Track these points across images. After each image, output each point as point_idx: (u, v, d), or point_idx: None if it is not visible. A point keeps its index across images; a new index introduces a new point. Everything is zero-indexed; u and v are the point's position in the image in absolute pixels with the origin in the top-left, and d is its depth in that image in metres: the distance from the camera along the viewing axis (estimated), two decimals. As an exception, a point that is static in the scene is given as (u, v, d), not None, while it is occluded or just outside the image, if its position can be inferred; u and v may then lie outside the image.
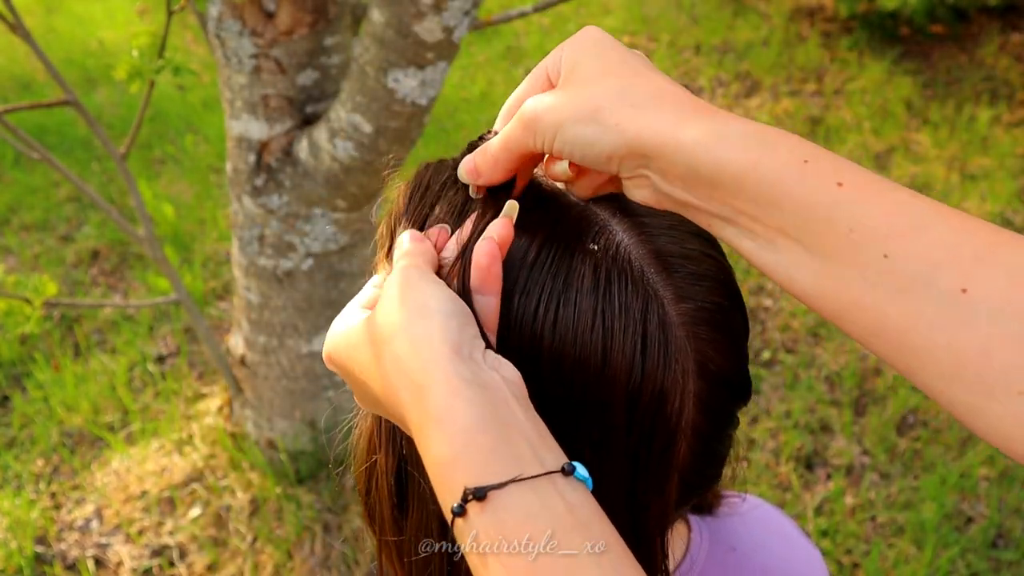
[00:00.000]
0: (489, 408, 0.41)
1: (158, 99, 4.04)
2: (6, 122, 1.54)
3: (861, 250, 0.40)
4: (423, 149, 3.62)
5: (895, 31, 4.30)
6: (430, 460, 0.42)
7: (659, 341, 0.49)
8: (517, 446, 0.41)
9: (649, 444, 0.50)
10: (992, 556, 1.98)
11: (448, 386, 0.42)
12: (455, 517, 0.40)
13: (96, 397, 2.47)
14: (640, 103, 0.46)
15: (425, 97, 1.54)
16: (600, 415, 0.49)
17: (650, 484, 0.51)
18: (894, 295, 0.40)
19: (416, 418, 0.43)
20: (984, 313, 0.37)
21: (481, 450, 0.40)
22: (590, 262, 0.49)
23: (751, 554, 0.68)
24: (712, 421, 0.53)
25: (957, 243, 0.39)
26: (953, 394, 0.39)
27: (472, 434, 0.41)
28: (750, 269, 2.87)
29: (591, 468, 0.50)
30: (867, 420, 2.32)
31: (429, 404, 0.42)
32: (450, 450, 0.41)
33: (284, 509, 2.08)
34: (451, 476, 0.41)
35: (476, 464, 0.40)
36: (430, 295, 0.46)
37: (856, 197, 0.41)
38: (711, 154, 0.43)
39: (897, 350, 0.40)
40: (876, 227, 0.40)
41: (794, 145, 0.43)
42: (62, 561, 2.03)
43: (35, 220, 3.35)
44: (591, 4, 4.98)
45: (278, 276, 1.89)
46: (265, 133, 1.72)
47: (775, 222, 0.43)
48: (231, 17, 1.63)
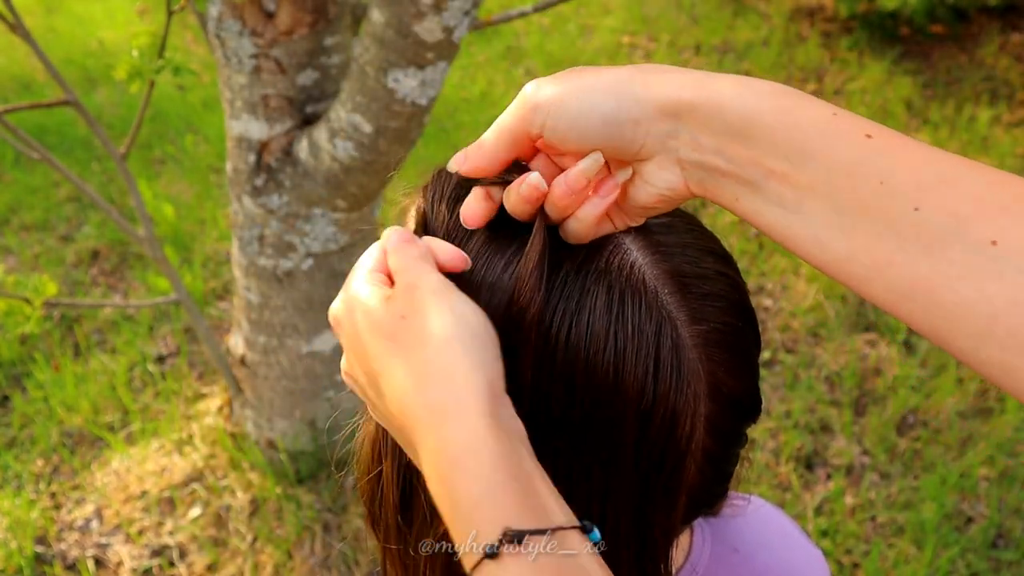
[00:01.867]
0: (516, 456, 0.41)
1: (158, 99, 4.04)
2: (6, 122, 1.54)
3: (892, 203, 0.40)
4: (423, 149, 3.62)
5: (895, 31, 4.30)
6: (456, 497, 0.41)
7: (672, 364, 0.48)
8: (543, 497, 0.40)
9: (659, 466, 0.49)
10: (992, 556, 1.98)
11: (481, 422, 0.40)
12: (485, 558, 0.39)
13: (96, 397, 2.47)
14: (658, 71, 0.45)
15: (425, 97, 1.54)
16: (611, 436, 0.48)
17: (658, 504, 0.51)
18: (925, 250, 0.39)
19: (432, 443, 0.41)
20: (1014, 264, 0.37)
21: (512, 495, 0.39)
22: (604, 282, 0.49)
23: (753, 555, 0.68)
24: (721, 442, 0.53)
25: (986, 195, 0.38)
26: (986, 353, 0.38)
27: (501, 478, 0.40)
28: (749, 270, 2.87)
29: (600, 487, 0.49)
30: (867, 420, 2.32)
31: (455, 435, 0.41)
32: (477, 490, 0.40)
33: (284, 509, 2.08)
34: (477, 516, 0.39)
35: (507, 508, 0.39)
36: (471, 313, 0.44)
37: (885, 149, 0.40)
38: (746, 104, 0.43)
39: (928, 311, 0.39)
40: (906, 179, 0.39)
41: (820, 101, 0.43)
42: (62, 561, 2.03)
43: (35, 220, 3.34)
44: (591, 4, 4.98)
45: (278, 276, 1.89)
46: (265, 133, 1.72)
47: (806, 179, 0.42)
48: (231, 17, 1.63)
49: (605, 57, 4.38)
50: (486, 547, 0.39)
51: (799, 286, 2.78)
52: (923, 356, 2.49)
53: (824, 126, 0.42)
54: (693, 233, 0.54)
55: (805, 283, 2.79)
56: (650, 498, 0.50)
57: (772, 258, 2.91)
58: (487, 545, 0.39)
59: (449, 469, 0.41)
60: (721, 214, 3.15)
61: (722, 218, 3.13)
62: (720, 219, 3.13)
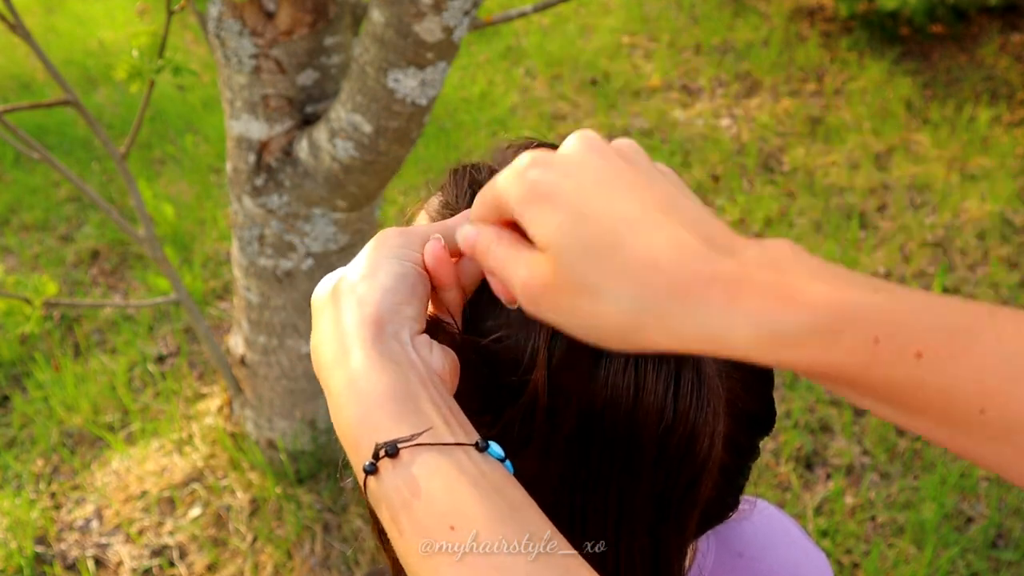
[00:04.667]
0: (401, 381, 0.42)
1: (158, 99, 4.04)
2: (6, 122, 1.54)
3: (954, 409, 0.37)
4: (423, 149, 3.62)
5: (895, 31, 4.30)
6: (342, 424, 0.42)
7: (692, 382, 0.48)
8: (429, 416, 0.41)
9: (675, 483, 0.49)
10: (992, 556, 1.98)
11: (364, 354, 0.42)
12: (367, 476, 0.40)
13: (96, 397, 2.47)
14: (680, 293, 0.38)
15: (425, 97, 1.54)
16: (628, 453, 0.48)
17: (672, 520, 0.51)
18: (988, 442, 0.37)
19: (334, 378, 0.43)
20: None
21: (391, 414, 0.41)
22: None
23: (758, 558, 0.68)
24: (737, 457, 0.53)
25: None
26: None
27: (382, 399, 0.41)
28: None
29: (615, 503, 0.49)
30: (867, 420, 2.32)
31: (344, 367, 0.43)
32: (359, 411, 0.41)
33: (284, 509, 2.08)
34: (361, 437, 0.41)
35: (386, 425, 0.40)
36: (384, 262, 0.46)
37: (938, 365, 0.36)
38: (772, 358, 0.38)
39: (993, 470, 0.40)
40: (968, 389, 0.36)
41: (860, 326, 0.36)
42: (62, 561, 2.03)
43: (35, 220, 3.34)
44: (591, 4, 4.98)
45: (278, 276, 1.89)
46: (265, 133, 1.72)
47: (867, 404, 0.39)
48: (231, 17, 1.63)
49: (605, 57, 4.38)
50: (365, 465, 0.40)
51: (799, 286, 2.78)
52: (923, 356, 2.49)
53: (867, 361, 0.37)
54: None
55: (805, 283, 2.78)
56: (665, 515, 0.50)
57: (772, 258, 2.91)
58: (366, 463, 0.40)
59: (336, 407, 0.43)
60: (721, 213, 3.15)
61: (722, 218, 3.13)
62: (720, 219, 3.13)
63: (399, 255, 0.46)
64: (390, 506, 0.40)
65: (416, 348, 0.44)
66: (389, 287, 0.45)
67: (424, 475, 0.39)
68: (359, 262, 0.47)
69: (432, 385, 0.43)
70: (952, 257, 2.90)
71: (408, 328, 0.45)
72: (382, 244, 0.47)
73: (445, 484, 0.39)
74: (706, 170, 3.45)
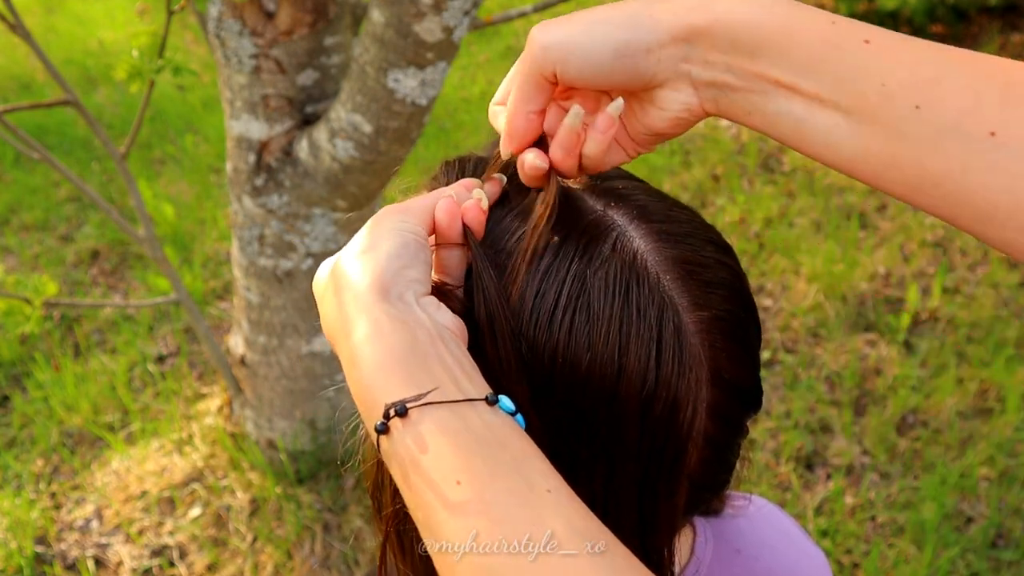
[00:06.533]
0: (408, 341, 0.43)
1: (158, 99, 4.04)
2: (6, 122, 1.54)
3: (894, 104, 0.41)
4: (423, 149, 3.62)
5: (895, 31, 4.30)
6: (355, 387, 0.43)
7: (674, 348, 0.49)
8: (437, 375, 0.42)
9: (661, 451, 0.50)
10: (992, 556, 1.98)
11: (370, 318, 0.43)
12: (379, 435, 0.41)
13: (96, 397, 2.47)
14: (661, 2, 0.47)
15: (425, 97, 1.54)
16: (613, 421, 0.49)
17: (660, 490, 0.51)
18: (928, 146, 0.41)
19: (346, 349, 0.44)
20: (1012, 154, 0.39)
21: (399, 375, 0.41)
22: (606, 268, 0.49)
23: (756, 556, 0.68)
24: (723, 430, 0.53)
25: (983, 88, 0.40)
26: (995, 234, 0.41)
27: (391, 360, 0.42)
28: (750, 270, 2.88)
29: (602, 471, 0.50)
30: (867, 420, 2.32)
31: (353, 335, 0.43)
32: (370, 374, 0.42)
33: (284, 509, 2.08)
34: (372, 399, 0.42)
35: (396, 385, 0.41)
36: (385, 235, 0.47)
37: (883, 52, 0.43)
38: (750, 21, 0.45)
39: (938, 200, 0.42)
40: (905, 79, 0.41)
41: (818, 11, 0.45)
42: (62, 561, 2.03)
43: (35, 220, 3.35)
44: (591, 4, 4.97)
45: (278, 276, 1.89)
46: (265, 133, 1.72)
47: (812, 88, 0.44)
48: (231, 17, 1.63)
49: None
50: (376, 425, 0.41)
51: (799, 286, 2.78)
52: (923, 356, 2.49)
53: (825, 35, 0.44)
54: (694, 223, 0.54)
55: (805, 283, 2.79)
56: (652, 483, 0.50)
57: (772, 258, 2.91)
58: (377, 423, 0.41)
59: (348, 371, 0.44)
60: (721, 213, 3.15)
61: (722, 218, 3.13)
62: (720, 219, 3.13)
63: (399, 228, 0.47)
64: (400, 464, 0.41)
65: (423, 307, 0.45)
66: (392, 253, 0.46)
67: (431, 433, 0.40)
68: (359, 239, 0.48)
69: (441, 341, 0.44)
70: (952, 257, 2.90)
71: (413, 290, 0.46)
72: (381, 220, 0.48)
73: (451, 441, 0.40)
74: (706, 170, 3.45)
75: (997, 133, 0.39)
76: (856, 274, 2.79)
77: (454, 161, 0.57)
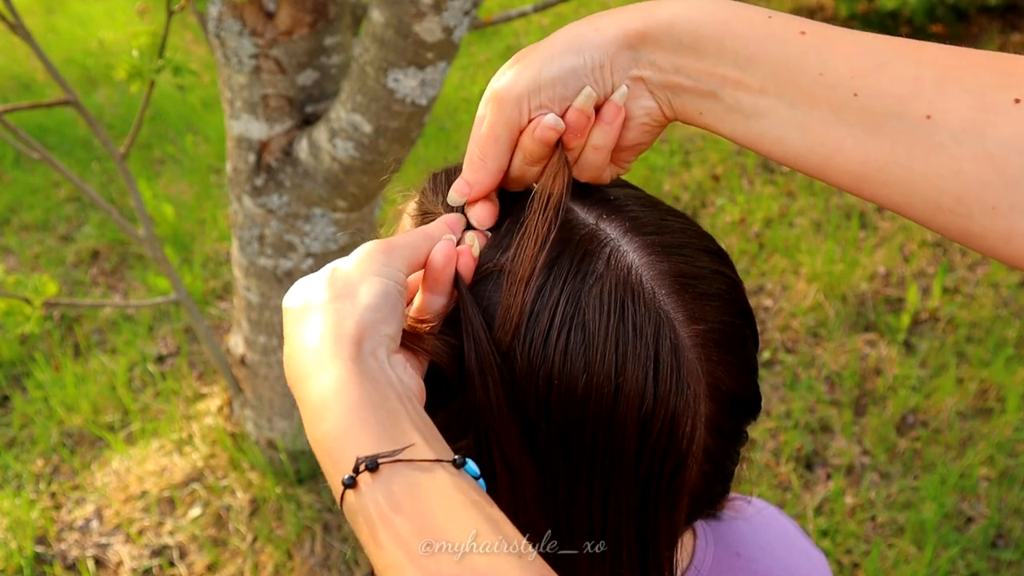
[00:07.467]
0: (379, 397, 0.43)
1: (158, 99, 4.04)
2: (6, 122, 1.54)
3: (833, 92, 0.42)
4: (423, 149, 3.62)
5: (895, 31, 4.30)
6: (318, 436, 0.43)
7: (671, 366, 0.48)
8: (407, 433, 0.42)
9: (660, 468, 0.49)
10: (992, 556, 1.98)
11: (343, 370, 0.43)
12: (345, 489, 0.41)
13: (96, 397, 2.47)
14: (606, 15, 0.49)
15: (425, 97, 1.54)
16: (610, 440, 0.48)
17: (660, 506, 0.51)
18: (869, 133, 0.42)
19: (311, 395, 0.44)
20: (949, 136, 0.39)
21: (371, 429, 0.41)
22: (600, 285, 0.49)
23: (756, 558, 0.68)
24: (722, 441, 0.53)
25: (919, 74, 0.41)
26: (944, 220, 0.41)
27: (362, 414, 0.42)
28: (749, 270, 2.87)
29: (601, 491, 0.49)
30: (867, 420, 2.32)
31: (322, 383, 0.43)
32: (339, 425, 0.42)
33: (284, 509, 2.08)
34: (340, 450, 0.41)
35: (366, 440, 0.41)
36: (367, 279, 0.47)
37: (820, 43, 0.44)
38: (691, 19, 0.46)
39: (886, 188, 0.42)
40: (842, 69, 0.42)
41: (755, 7, 0.47)
42: (62, 561, 2.03)
43: (35, 220, 3.35)
44: (591, 4, 4.98)
45: (278, 276, 1.89)
46: (265, 133, 1.72)
47: (756, 82, 0.45)
48: (231, 17, 1.63)
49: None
50: (344, 479, 0.40)
51: (799, 286, 2.78)
52: (923, 356, 2.50)
53: (763, 30, 0.45)
54: (688, 233, 0.54)
55: (805, 283, 2.79)
56: (652, 500, 0.50)
57: (772, 258, 2.91)
58: (346, 477, 0.40)
59: (313, 418, 0.43)
60: (720, 214, 3.15)
61: (722, 218, 3.13)
62: (720, 219, 3.13)
63: (382, 272, 0.47)
64: (368, 519, 0.40)
65: (392, 366, 0.45)
66: (371, 305, 0.46)
67: (403, 491, 0.40)
68: (341, 276, 0.47)
69: (410, 402, 0.44)
70: (952, 257, 2.90)
71: (385, 347, 0.46)
72: (364, 260, 0.48)
73: (423, 500, 0.40)
74: (706, 170, 3.45)
75: (933, 117, 0.40)
76: (856, 274, 2.79)
77: (441, 173, 0.57)
